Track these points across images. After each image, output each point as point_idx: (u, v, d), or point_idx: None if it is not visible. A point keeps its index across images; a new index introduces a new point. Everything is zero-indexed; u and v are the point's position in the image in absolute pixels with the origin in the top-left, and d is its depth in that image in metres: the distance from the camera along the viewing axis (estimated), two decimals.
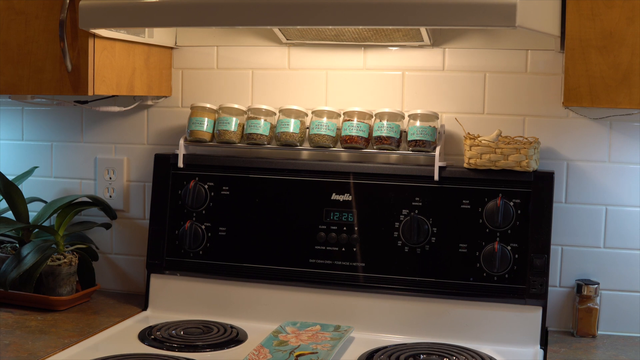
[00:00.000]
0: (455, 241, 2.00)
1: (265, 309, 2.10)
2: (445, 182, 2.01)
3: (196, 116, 2.16)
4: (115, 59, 2.04)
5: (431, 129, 2.03)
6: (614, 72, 1.71)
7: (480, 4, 1.55)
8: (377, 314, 2.03)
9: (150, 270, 2.20)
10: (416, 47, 2.14)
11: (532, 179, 1.96)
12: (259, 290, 2.11)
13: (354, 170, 2.07)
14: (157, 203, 2.20)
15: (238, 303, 2.13)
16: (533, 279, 1.94)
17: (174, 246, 2.17)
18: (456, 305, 1.99)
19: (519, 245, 1.96)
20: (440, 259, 2.01)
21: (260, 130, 2.12)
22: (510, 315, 1.96)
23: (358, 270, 2.05)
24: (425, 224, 2.01)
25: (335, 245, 2.07)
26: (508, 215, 1.96)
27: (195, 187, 2.15)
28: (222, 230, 2.14)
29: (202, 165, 2.17)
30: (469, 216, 1.99)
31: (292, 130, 2.10)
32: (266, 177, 2.13)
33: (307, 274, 2.07)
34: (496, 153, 1.96)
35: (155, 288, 2.19)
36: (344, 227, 2.06)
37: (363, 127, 2.06)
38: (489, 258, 1.96)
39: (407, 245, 2.02)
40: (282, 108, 2.13)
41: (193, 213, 2.17)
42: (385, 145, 2.05)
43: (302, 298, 2.08)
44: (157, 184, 2.20)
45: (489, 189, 1.98)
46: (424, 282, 2.01)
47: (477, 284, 1.97)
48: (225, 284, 2.13)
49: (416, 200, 2.03)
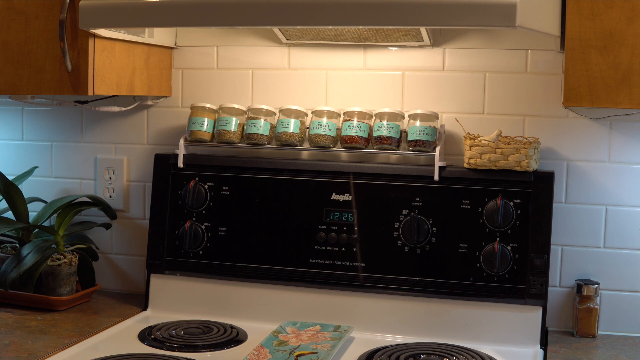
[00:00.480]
0: (455, 241, 2.00)
1: (265, 309, 2.10)
2: (445, 182, 2.01)
3: (196, 116, 2.16)
4: (115, 59, 2.04)
5: (431, 129, 2.03)
6: (614, 72, 1.71)
7: (480, 4, 1.55)
8: (377, 314, 2.03)
9: (150, 270, 2.20)
10: (416, 47, 2.14)
11: (532, 179, 1.96)
12: (259, 290, 2.11)
13: (354, 170, 2.07)
14: (157, 203, 2.20)
15: (238, 303, 2.12)
16: (533, 279, 1.94)
17: (174, 246, 2.17)
18: (456, 305, 1.99)
19: (519, 245, 1.96)
20: (440, 259, 2.00)
21: (260, 130, 2.12)
22: (510, 315, 1.95)
23: (358, 270, 2.05)
24: (425, 224, 2.01)
25: (335, 245, 2.07)
26: (508, 215, 1.96)
27: (195, 187, 2.15)
28: (222, 230, 2.14)
29: (202, 165, 2.17)
30: (469, 216, 1.99)
31: (292, 130, 2.10)
32: (266, 177, 2.13)
33: (307, 274, 2.07)
34: (496, 153, 1.96)
35: (155, 288, 2.19)
36: (344, 227, 2.06)
37: (363, 127, 2.06)
38: (489, 258, 1.96)
39: (407, 245, 2.02)
40: (282, 108, 2.13)
41: (193, 213, 2.17)
42: (385, 145, 2.05)
43: (302, 298, 2.08)
44: (157, 184, 2.20)
45: (489, 189, 1.98)
46: (424, 282, 2.01)
47: (477, 284, 1.97)
48: (225, 284, 2.13)
49: (416, 200, 2.03)
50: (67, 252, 2.23)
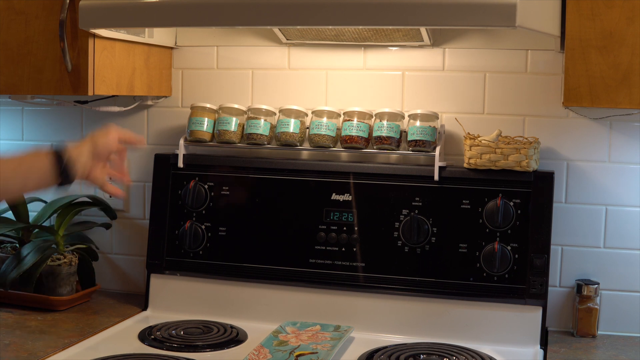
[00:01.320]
0: (455, 241, 2.00)
1: (265, 309, 2.10)
2: (445, 182, 2.01)
3: (196, 116, 2.16)
4: (115, 59, 2.04)
5: (431, 129, 2.03)
6: (614, 72, 1.71)
7: (480, 4, 1.55)
8: (377, 314, 2.03)
9: (150, 270, 2.20)
10: (416, 47, 2.14)
11: (532, 179, 1.96)
12: (259, 290, 2.11)
13: (354, 170, 2.07)
14: (157, 203, 2.20)
15: (238, 303, 2.12)
16: (533, 279, 1.94)
17: (174, 246, 2.17)
18: (456, 305, 1.99)
19: (519, 245, 1.96)
20: (440, 259, 2.00)
21: (260, 130, 2.11)
22: (510, 315, 1.95)
23: (358, 270, 2.05)
24: (425, 224, 2.01)
25: (335, 245, 2.06)
26: (508, 215, 1.96)
27: (195, 187, 2.15)
28: (222, 230, 2.14)
29: (202, 165, 2.17)
30: (469, 216, 1.99)
31: (292, 130, 2.10)
32: (266, 177, 2.12)
33: (307, 274, 2.07)
34: (496, 153, 1.96)
35: (155, 288, 2.19)
36: (344, 227, 2.06)
37: (363, 127, 2.06)
38: (489, 258, 1.96)
39: (407, 245, 2.02)
40: (282, 108, 2.13)
41: (193, 213, 2.16)
42: (385, 145, 2.04)
43: (302, 298, 2.08)
44: (157, 184, 2.20)
45: (489, 189, 1.98)
46: (424, 282, 2.00)
47: (477, 284, 1.97)
48: (225, 284, 2.13)
49: (416, 200, 2.02)
50: (67, 252, 2.23)
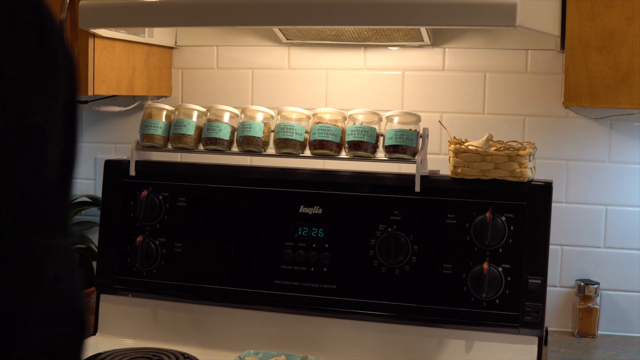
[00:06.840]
0: (439, 261, 1.88)
1: (224, 336, 1.99)
2: (427, 194, 1.89)
3: (151, 118, 2.02)
4: (115, 58, 2.07)
5: (411, 133, 1.87)
6: (614, 72, 1.76)
7: (480, 4, 1.58)
8: (349, 343, 1.93)
9: (99, 290, 2.09)
10: (416, 47, 2.16)
11: (527, 190, 1.85)
12: (218, 314, 2.01)
13: (325, 180, 1.96)
14: (106, 215, 2.09)
15: (194, 328, 2.02)
16: (528, 304, 1.83)
17: (125, 263, 2.06)
18: (439, 334, 1.88)
19: (512, 266, 1.84)
20: (421, 282, 1.89)
21: (220, 134, 1.96)
22: (501, 346, 1.85)
23: (329, 294, 1.93)
24: (405, 242, 1.88)
25: (303, 265, 1.95)
26: (499, 231, 1.84)
27: (148, 197, 2.03)
28: (178, 247, 2.02)
29: (156, 173, 2.06)
30: (454, 232, 1.87)
31: (255, 134, 1.93)
32: (226, 187, 2.02)
33: (272, 297, 1.96)
34: (486, 160, 1.83)
35: (105, 310, 2.09)
36: (313, 244, 1.94)
37: (334, 130, 1.89)
38: (477, 281, 1.83)
39: (384, 266, 1.90)
40: (245, 108, 2.00)
41: (146, 227, 2.04)
42: (360, 152, 1.88)
43: (265, 324, 1.98)
44: (107, 194, 2.10)
45: (477, 201, 1.87)
46: (403, 307, 1.88)
47: (464, 310, 1.85)
48: (181, 307, 2.04)
49: (394, 214, 1.90)
50: None
